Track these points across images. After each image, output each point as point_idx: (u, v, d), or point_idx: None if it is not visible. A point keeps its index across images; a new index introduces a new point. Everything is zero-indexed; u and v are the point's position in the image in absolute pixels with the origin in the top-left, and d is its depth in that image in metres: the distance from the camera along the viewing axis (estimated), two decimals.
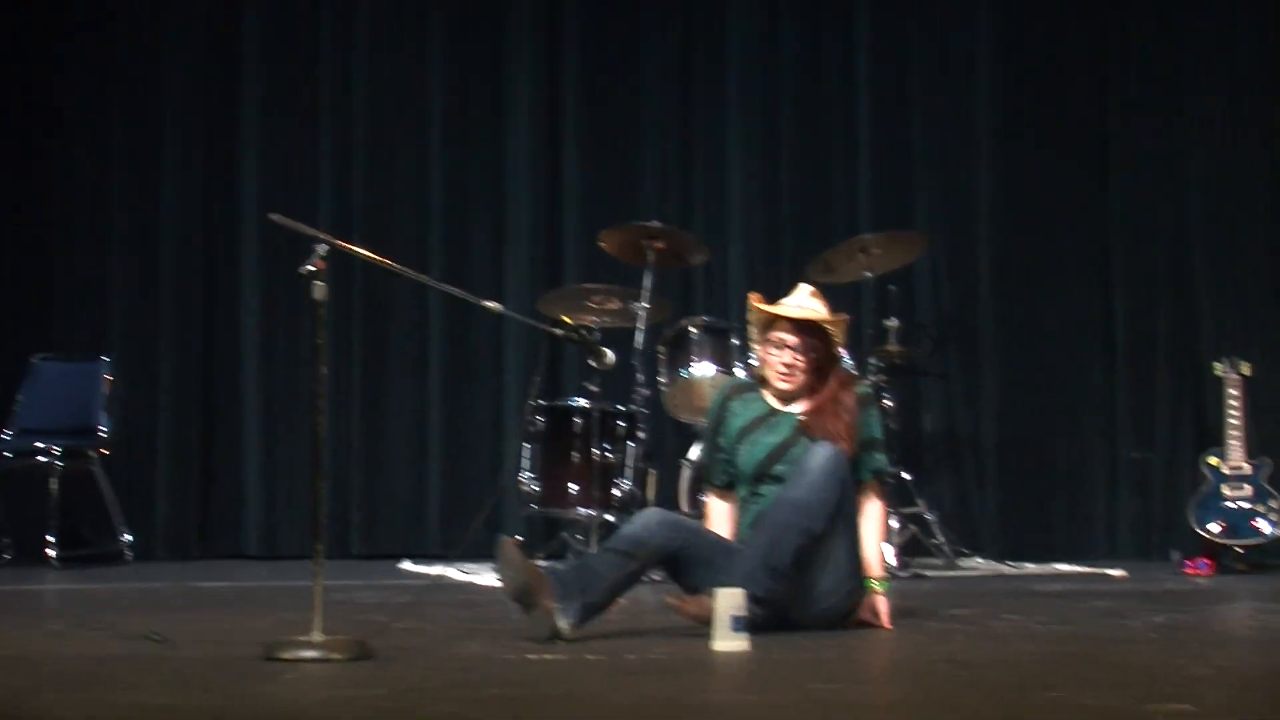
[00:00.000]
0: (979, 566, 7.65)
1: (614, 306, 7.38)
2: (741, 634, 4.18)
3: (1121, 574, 7.16)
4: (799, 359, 4.83)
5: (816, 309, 4.89)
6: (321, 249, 4.02)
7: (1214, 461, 7.56)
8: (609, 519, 7.02)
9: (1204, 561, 7.34)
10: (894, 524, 7.11)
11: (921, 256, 8.14)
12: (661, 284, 7.47)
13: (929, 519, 7.53)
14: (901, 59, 8.81)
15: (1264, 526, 7.41)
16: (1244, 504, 7.46)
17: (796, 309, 4.88)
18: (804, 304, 4.90)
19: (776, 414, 4.87)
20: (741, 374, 6.83)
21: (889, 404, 7.41)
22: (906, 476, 7.53)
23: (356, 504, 8.55)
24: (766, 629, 4.33)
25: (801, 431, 4.78)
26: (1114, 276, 8.57)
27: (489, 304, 4.57)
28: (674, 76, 8.87)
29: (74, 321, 8.62)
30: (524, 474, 7.23)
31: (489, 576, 6.55)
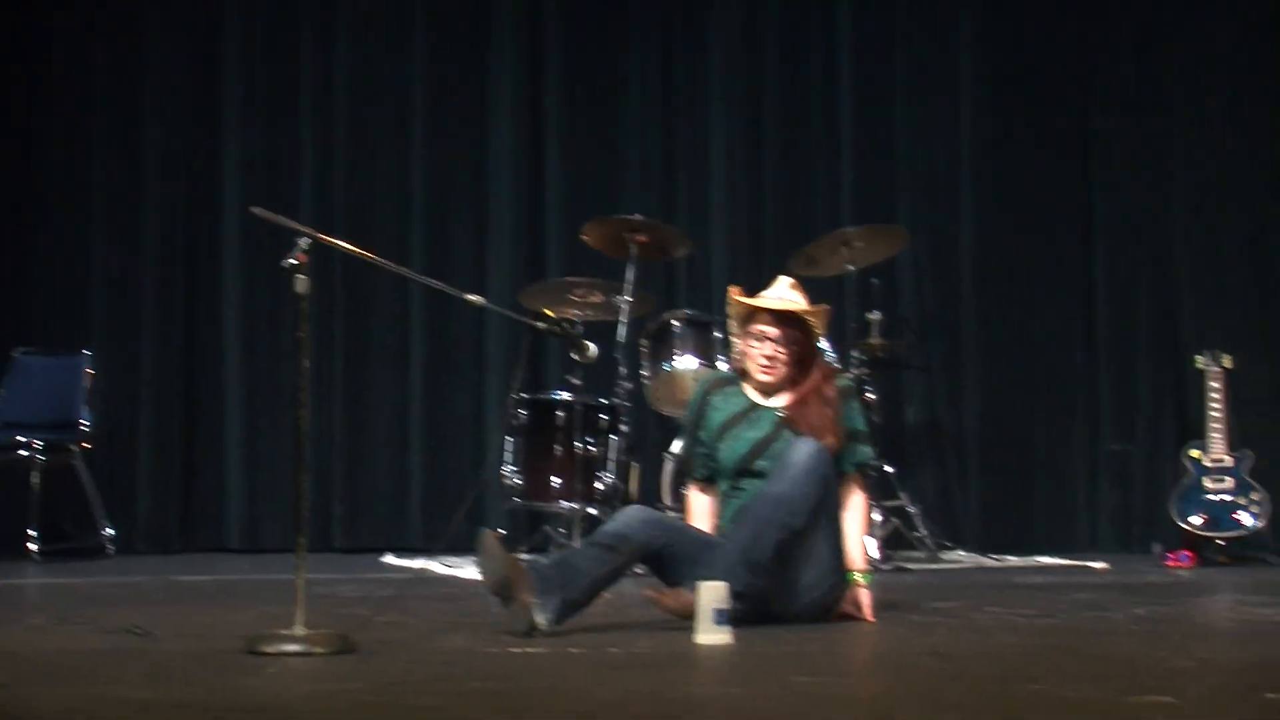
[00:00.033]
0: (961, 559, 7.66)
1: (596, 300, 7.38)
2: (724, 627, 4.18)
3: (1103, 566, 7.19)
4: (780, 351, 4.80)
5: (796, 300, 4.86)
6: (304, 243, 4.01)
7: (1196, 454, 7.59)
8: (591, 512, 7.02)
9: (1185, 554, 7.37)
10: (876, 517, 7.12)
11: (904, 250, 8.15)
12: (644, 277, 7.48)
13: (911, 512, 7.54)
14: (884, 53, 8.82)
15: (1245, 519, 7.44)
16: (1225, 497, 7.48)
17: (776, 300, 4.85)
18: (784, 296, 4.87)
19: (757, 409, 4.85)
20: (724, 367, 6.83)
21: (871, 397, 7.42)
22: (889, 470, 7.54)
23: (338, 497, 8.55)
24: (748, 622, 4.33)
25: (784, 426, 4.77)
26: (1096, 270, 8.60)
27: (471, 297, 4.56)
28: (656, 72, 8.87)
29: (55, 315, 8.60)
30: (506, 467, 7.23)
31: (471, 570, 6.55)
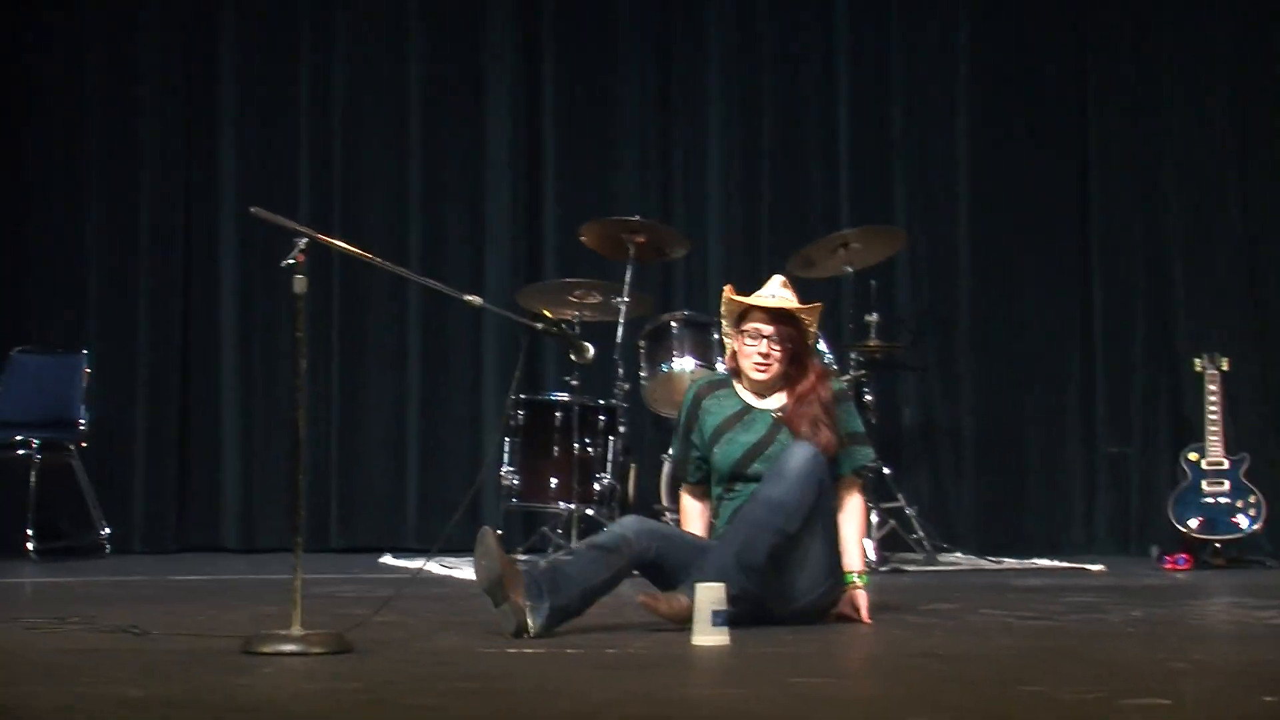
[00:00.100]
0: (958, 561, 7.66)
1: (594, 300, 7.38)
2: (721, 629, 4.18)
3: (1100, 569, 7.19)
4: (775, 349, 4.78)
5: (789, 299, 4.85)
6: (302, 242, 4.01)
7: (1193, 457, 7.58)
8: (589, 513, 7.02)
9: (1182, 556, 7.37)
10: (873, 519, 7.11)
11: (901, 251, 8.15)
12: (642, 278, 7.48)
13: (908, 513, 7.53)
14: (881, 54, 8.82)
15: (1242, 522, 7.44)
16: (1223, 499, 7.48)
17: (770, 299, 4.83)
18: (777, 294, 4.85)
19: (752, 411, 4.83)
20: (720, 368, 6.82)
21: (869, 399, 7.43)
22: (886, 471, 7.54)
23: (335, 497, 8.55)
24: (743, 624, 4.32)
25: (779, 428, 4.75)
26: (1092, 272, 8.60)
27: (469, 297, 4.55)
28: (654, 72, 8.87)
29: (52, 314, 8.60)
30: (504, 468, 7.23)
31: (468, 570, 6.54)
